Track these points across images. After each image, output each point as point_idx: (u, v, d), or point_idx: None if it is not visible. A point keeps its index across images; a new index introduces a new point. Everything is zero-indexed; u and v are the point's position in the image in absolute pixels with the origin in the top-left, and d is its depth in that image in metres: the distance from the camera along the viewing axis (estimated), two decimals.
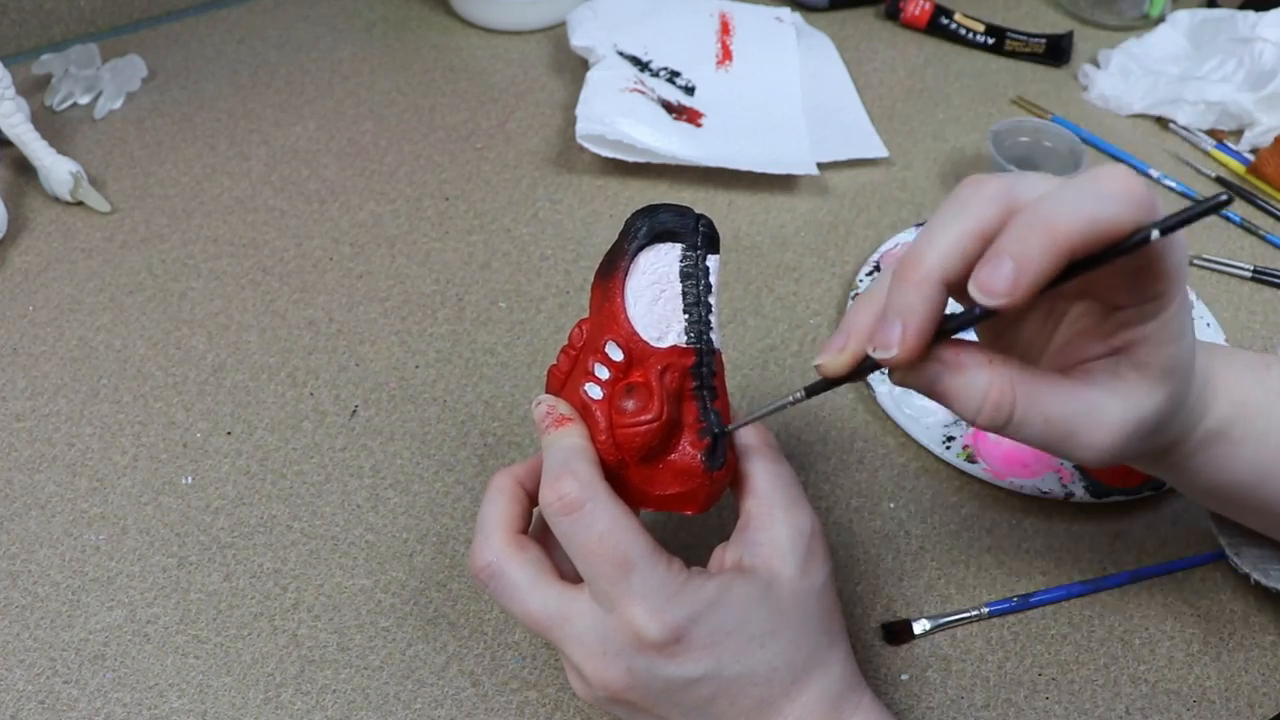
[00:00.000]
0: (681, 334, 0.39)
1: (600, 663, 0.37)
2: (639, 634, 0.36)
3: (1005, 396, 0.33)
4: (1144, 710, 0.47)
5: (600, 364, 0.39)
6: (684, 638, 0.36)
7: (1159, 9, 0.86)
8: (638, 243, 0.39)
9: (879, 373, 0.35)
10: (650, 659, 0.36)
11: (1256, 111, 0.74)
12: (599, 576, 0.37)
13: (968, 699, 0.47)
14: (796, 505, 0.39)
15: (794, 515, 0.39)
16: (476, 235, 0.67)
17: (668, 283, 0.39)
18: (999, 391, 0.33)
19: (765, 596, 0.38)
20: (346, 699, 0.46)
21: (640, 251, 0.39)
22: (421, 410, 0.57)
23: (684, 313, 0.39)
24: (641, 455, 0.39)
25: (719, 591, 0.37)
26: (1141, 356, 0.35)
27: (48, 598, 0.49)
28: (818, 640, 0.38)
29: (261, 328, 0.61)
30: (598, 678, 0.37)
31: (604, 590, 0.37)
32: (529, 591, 0.38)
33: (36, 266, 0.65)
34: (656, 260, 0.39)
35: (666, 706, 0.38)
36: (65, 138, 0.73)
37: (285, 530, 0.52)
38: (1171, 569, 0.51)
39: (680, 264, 0.39)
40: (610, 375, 0.39)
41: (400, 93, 0.79)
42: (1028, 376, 0.34)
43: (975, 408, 0.34)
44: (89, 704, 0.46)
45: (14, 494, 0.53)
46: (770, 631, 0.37)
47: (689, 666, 0.36)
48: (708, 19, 0.80)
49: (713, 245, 0.40)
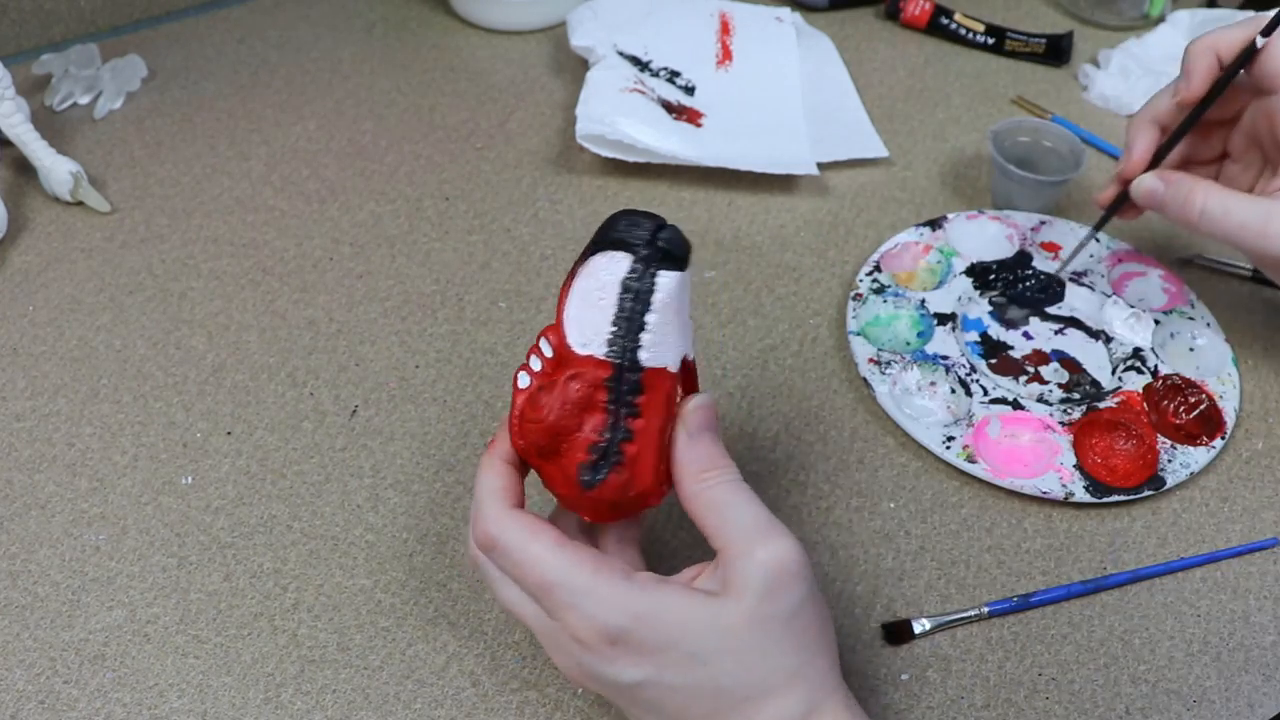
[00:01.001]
0: (604, 345, 0.39)
1: (558, 658, 0.39)
2: (575, 635, 0.37)
3: (1199, 196, 0.52)
4: (1144, 710, 0.47)
5: (535, 356, 0.40)
6: (618, 642, 0.37)
7: (1159, 9, 0.86)
8: (592, 246, 0.39)
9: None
10: (592, 659, 0.38)
11: None
12: (532, 595, 0.39)
13: (968, 699, 0.47)
14: (773, 536, 0.38)
15: (770, 548, 0.38)
16: (476, 235, 0.67)
17: (607, 291, 0.38)
18: (1196, 194, 0.52)
19: (711, 616, 0.37)
20: (346, 699, 0.46)
21: (593, 255, 0.39)
22: (421, 410, 0.57)
23: (611, 325, 0.38)
24: (536, 451, 0.40)
25: (655, 604, 0.37)
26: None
27: (48, 598, 0.49)
28: (777, 665, 0.38)
29: (261, 328, 0.61)
30: (561, 667, 0.40)
31: (543, 605, 0.38)
32: (530, 550, 0.39)
33: (36, 266, 0.65)
34: (608, 267, 0.39)
35: (624, 701, 0.39)
36: (65, 138, 0.73)
37: (285, 530, 0.52)
38: (1172, 569, 0.51)
39: (625, 275, 0.38)
40: (541, 368, 0.40)
41: (400, 93, 0.79)
42: (1223, 188, 0.52)
43: (1180, 205, 0.53)
44: (89, 704, 0.46)
45: (14, 494, 0.53)
46: (714, 650, 0.37)
47: (628, 671, 0.37)
48: (708, 19, 0.80)
49: (673, 262, 0.39)
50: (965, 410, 0.56)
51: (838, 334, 0.62)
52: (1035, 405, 0.57)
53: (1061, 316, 0.62)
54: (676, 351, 0.40)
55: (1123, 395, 0.57)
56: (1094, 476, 0.54)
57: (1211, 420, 0.56)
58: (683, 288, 0.39)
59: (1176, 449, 0.55)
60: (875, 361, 0.58)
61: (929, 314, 0.61)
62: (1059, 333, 0.61)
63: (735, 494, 0.39)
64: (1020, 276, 0.63)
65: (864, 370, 0.58)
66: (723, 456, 0.40)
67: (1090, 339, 0.61)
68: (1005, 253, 0.65)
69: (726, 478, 0.40)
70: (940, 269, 0.64)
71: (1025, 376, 0.59)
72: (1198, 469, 0.54)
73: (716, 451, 0.40)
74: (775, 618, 0.37)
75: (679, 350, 0.40)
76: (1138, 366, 0.59)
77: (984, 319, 0.62)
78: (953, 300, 0.62)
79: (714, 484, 0.39)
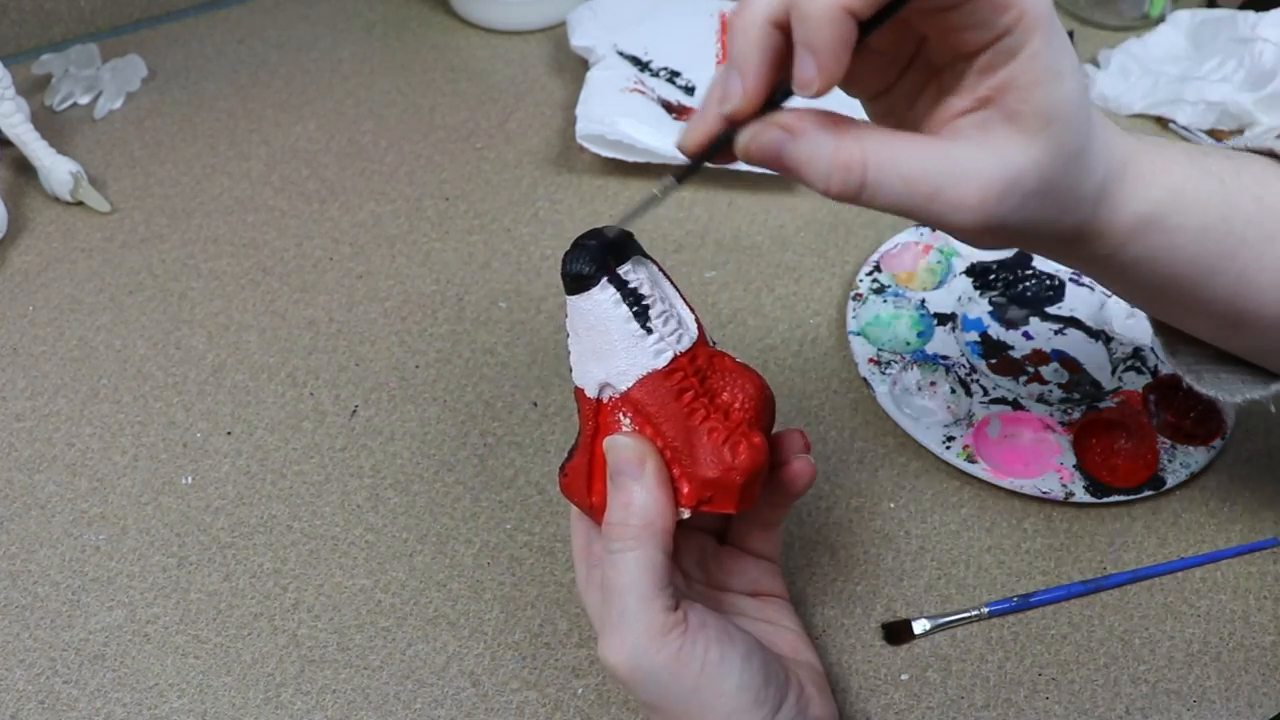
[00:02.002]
0: None
1: None
2: (601, 652, 0.37)
3: (854, 158, 0.31)
4: (1144, 710, 0.47)
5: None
6: (629, 684, 0.37)
7: (1159, 9, 0.86)
8: None
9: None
10: (611, 673, 0.38)
11: (1256, 111, 0.74)
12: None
13: (968, 699, 0.47)
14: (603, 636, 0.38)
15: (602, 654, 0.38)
16: (476, 235, 0.67)
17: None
18: (847, 154, 0.31)
19: None
20: (346, 699, 0.46)
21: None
22: (421, 410, 0.57)
23: None
24: None
25: (672, 669, 0.37)
26: (1010, 104, 0.31)
27: (48, 598, 0.49)
28: None
29: (261, 328, 0.61)
30: None
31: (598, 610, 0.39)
32: None
33: (36, 266, 0.65)
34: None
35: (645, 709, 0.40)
36: (65, 138, 0.73)
37: (285, 530, 0.52)
38: (1171, 569, 0.51)
39: None
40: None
41: (400, 93, 0.79)
42: (882, 136, 0.31)
43: (824, 173, 0.31)
44: (89, 704, 0.46)
45: (14, 494, 0.53)
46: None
47: (641, 698, 0.38)
48: (708, 19, 0.80)
49: (569, 285, 0.38)
50: (965, 410, 0.56)
51: (838, 334, 0.62)
52: (1035, 405, 0.57)
53: (1061, 316, 0.62)
54: (589, 375, 0.39)
55: (1123, 395, 0.57)
56: (1094, 476, 0.54)
57: (1211, 420, 0.56)
58: (589, 308, 0.37)
59: (1176, 449, 0.55)
60: (875, 361, 0.58)
61: (929, 314, 0.61)
62: (1059, 333, 0.61)
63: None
64: (1020, 276, 0.63)
65: (864, 370, 0.58)
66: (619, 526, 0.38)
67: (1090, 339, 0.61)
68: (1005, 253, 0.65)
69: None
70: (940, 269, 0.64)
71: (1025, 376, 0.59)
72: (1198, 469, 0.54)
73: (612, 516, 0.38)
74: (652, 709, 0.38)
75: (592, 375, 0.38)
76: (1138, 366, 0.59)
77: (984, 319, 0.62)
78: (953, 300, 0.62)
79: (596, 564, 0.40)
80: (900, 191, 0.31)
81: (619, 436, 0.38)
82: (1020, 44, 0.30)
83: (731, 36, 0.32)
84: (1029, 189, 0.32)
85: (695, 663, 0.36)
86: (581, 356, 0.39)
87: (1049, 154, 0.32)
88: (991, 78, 0.31)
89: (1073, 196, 0.34)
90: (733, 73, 0.32)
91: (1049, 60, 0.31)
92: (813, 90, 0.29)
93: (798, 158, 0.31)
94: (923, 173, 0.31)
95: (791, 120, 0.32)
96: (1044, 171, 0.32)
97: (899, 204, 0.32)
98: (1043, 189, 0.32)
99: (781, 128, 0.32)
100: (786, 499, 0.43)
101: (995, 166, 0.31)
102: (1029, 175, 0.32)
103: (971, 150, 0.32)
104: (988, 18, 0.30)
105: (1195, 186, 0.36)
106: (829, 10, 0.28)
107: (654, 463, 0.37)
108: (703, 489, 0.37)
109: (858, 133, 0.31)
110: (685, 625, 0.37)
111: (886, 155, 0.31)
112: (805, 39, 0.29)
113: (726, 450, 0.37)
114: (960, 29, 0.31)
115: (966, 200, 0.31)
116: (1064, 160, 0.32)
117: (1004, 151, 0.31)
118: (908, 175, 0.31)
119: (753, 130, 0.32)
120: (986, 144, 0.32)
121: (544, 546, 0.51)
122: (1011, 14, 0.30)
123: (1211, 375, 0.44)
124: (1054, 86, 0.31)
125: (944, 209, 0.32)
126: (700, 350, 0.39)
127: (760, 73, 0.31)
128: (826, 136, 0.31)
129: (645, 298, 0.37)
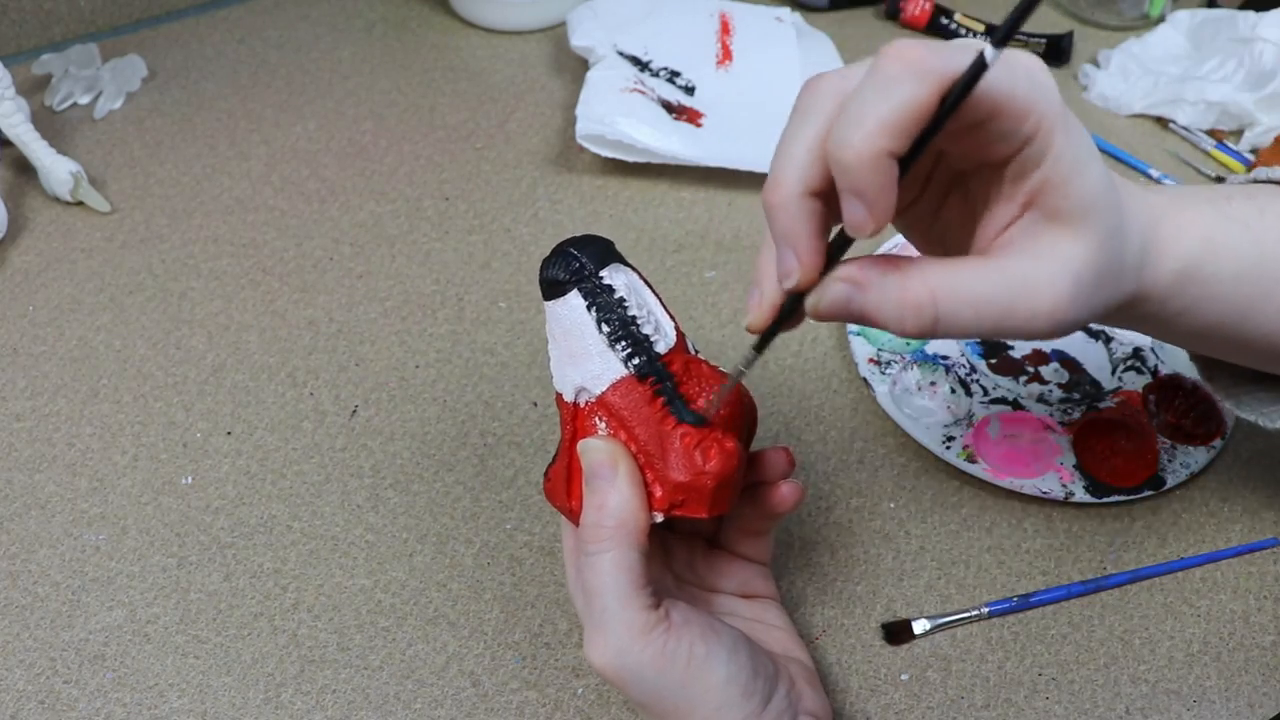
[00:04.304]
0: None
1: None
2: (586, 653, 0.38)
3: (923, 298, 0.32)
4: (1144, 710, 0.47)
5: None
6: (616, 683, 0.37)
7: (1159, 9, 0.86)
8: None
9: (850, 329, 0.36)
10: (599, 673, 0.38)
11: (1256, 111, 0.74)
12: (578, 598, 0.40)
13: (968, 699, 0.47)
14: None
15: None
16: (476, 235, 0.67)
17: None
18: (915, 294, 0.32)
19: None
20: (346, 699, 0.46)
21: None
22: (421, 410, 0.57)
23: None
24: None
25: (657, 666, 0.37)
26: (1050, 204, 0.32)
27: (48, 598, 0.49)
28: None
29: (261, 328, 0.61)
30: None
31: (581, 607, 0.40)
32: None
33: (36, 266, 0.65)
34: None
35: None
36: (65, 138, 0.73)
37: (285, 530, 0.52)
38: (1171, 569, 0.51)
39: None
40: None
41: (400, 93, 0.79)
42: (944, 269, 0.32)
43: (897, 316, 0.32)
44: (89, 704, 0.46)
45: (14, 494, 0.53)
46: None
47: (630, 697, 0.38)
48: (708, 19, 0.80)
49: (545, 291, 0.39)
50: (965, 410, 0.56)
51: (838, 334, 0.62)
52: (1035, 405, 0.57)
53: None
54: (567, 379, 0.39)
55: (1123, 395, 0.57)
56: (1094, 476, 0.54)
57: (1211, 420, 0.56)
58: (564, 313, 0.38)
59: (1176, 449, 0.55)
60: (875, 361, 0.58)
61: None
62: None
63: None
64: None
65: (864, 370, 0.58)
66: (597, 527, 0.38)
67: (1090, 339, 0.61)
68: None
69: None
70: None
71: (1025, 376, 0.59)
72: (1198, 469, 0.54)
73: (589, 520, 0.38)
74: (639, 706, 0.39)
75: (569, 379, 0.39)
76: (1138, 366, 0.59)
77: None
78: None
79: None
80: (972, 318, 0.32)
81: (592, 440, 0.38)
82: (1046, 147, 0.31)
83: (770, 215, 0.32)
84: (1091, 281, 0.33)
85: (680, 658, 0.37)
86: (559, 361, 0.39)
87: (1097, 241, 0.33)
88: (1025, 183, 0.32)
89: (1121, 271, 0.35)
90: (785, 251, 0.33)
91: (1074, 154, 0.32)
92: (868, 232, 0.30)
93: (868, 308, 0.32)
94: (990, 296, 0.32)
95: (854, 273, 0.32)
96: (1097, 259, 0.33)
97: (975, 329, 0.32)
98: (1102, 276, 0.33)
99: (846, 282, 0.32)
100: (774, 516, 0.43)
101: (1058, 273, 0.32)
102: (1087, 269, 0.33)
103: (1029, 263, 0.32)
104: (1010, 129, 0.31)
105: (1224, 234, 0.37)
106: (871, 159, 0.29)
107: (626, 465, 0.38)
108: (674, 493, 0.38)
109: (920, 271, 0.32)
110: (668, 622, 0.37)
111: (951, 287, 0.32)
112: (853, 187, 0.29)
113: (698, 454, 0.38)
114: (985, 144, 0.32)
115: (1040, 311, 0.32)
116: (1109, 241, 0.33)
117: (1059, 254, 0.32)
118: (976, 302, 0.32)
119: (819, 293, 0.33)
120: (1041, 252, 0.32)
121: (544, 546, 0.51)
122: (1031, 121, 0.31)
123: (1251, 398, 0.44)
124: (1085, 177, 0.32)
125: (1020, 324, 0.32)
126: (677, 356, 0.39)
127: (812, 244, 0.32)
128: (892, 281, 0.32)
129: (622, 303, 0.38)
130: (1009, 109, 0.30)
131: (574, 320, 0.38)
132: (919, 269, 0.32)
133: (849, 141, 0.29)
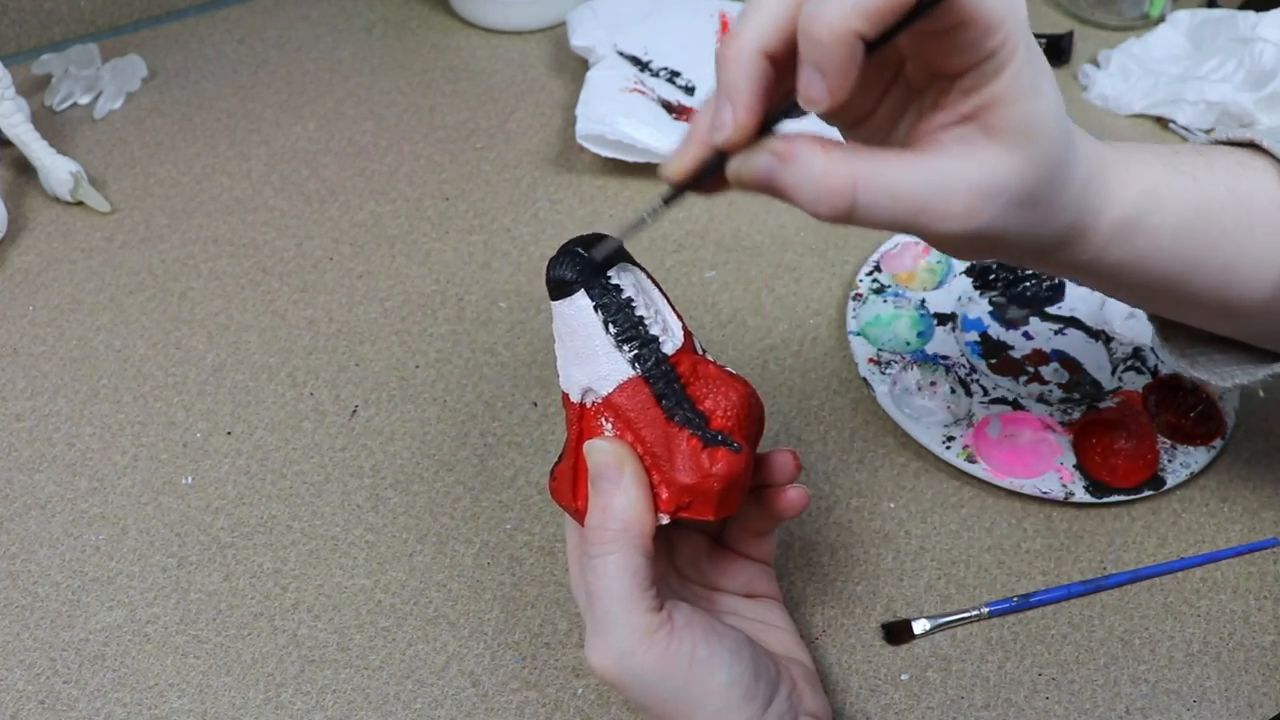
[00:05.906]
0: None
1: None
2: (588, 656, 0.37)
3: (844, 180, 0.31)
4: (1144, 710, 0.47)
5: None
6: (618, 686, 0.37)
7: (1159, 9, 0.86)
8: None
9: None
10: (600, 677, 0.38)
11: (1256, 111, 0.74)
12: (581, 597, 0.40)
13: (968, 699, 0.47)
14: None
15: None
16: (476, 235, 0.67)
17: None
18: (836, 176, 0.31)
19: None
20: (346, 699, 0.46)
21: None
22: (421, 410, 0.57)
23: None
24: None
25: (660, 669, 0.37)
26: (992, 120, 0.32)
27: (48, 598, 0.49)
28: None
29: (261, 328, 0.61)
30: None
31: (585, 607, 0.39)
32: None
33: (36, 266, 0.65)
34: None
35: None
36: (65, 138, 0.73)
37: (285, 530, 0.52)
38: (1171, 569, 0.51)
39: None
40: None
41: (400, 93, 0.79)
42: (870, 156, 0.32)
43: (814, 198, 0.32)
44: (89, 704, 0.46)
45: (14, 494, 0.53)
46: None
47: (631, 699, 0.38)
48: (708, 19, 0.80)
49: (552, 291, 0.38)
50: (965, 410, 0.56)
51: (838, 334, 0.62)
52: (1035, 405, 0.57)
53: (1061, 316, 0.62)
54: (573, 379, 0.39)
55: (1123, 395, 0.57)
56: (1094, 476, 0.54)
57: (1211, 420, 0.56)
58: (572, 313, 0.38)
59: (1176, 449, 0.55)
60: (875, 361, 0.58)
61: (929, 314, 0.61)
62: (1059, 333, 0.61)
63: None
64: (1020, 276, 0.63)
65: (864, 370, 0.58)
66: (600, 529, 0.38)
67: (1090, 339, 0.61)
68: None
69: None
70: (940, 269, 0.64)
71: (1025, 376, 0.59)
72: (1198, 469, 0.54)
73: (593, 522, 0.38)
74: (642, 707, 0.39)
75: (576, 379, 0.39)
76: (1138, 366, 0.59)
77: (984, 319, 0.62)
78: (953, 300, 0.62)
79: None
80: (889, 209, 0.32)
81: (598, 441, 0.38)
82: (1003, 64, 0.31)
83: (720, 67, 0.32)
84: (1012, 197, 0.33)
85: (683, 661, 0.37)
86: (566, 361, 0.39)
87: (1030, 163, 0.33)
88: (975, 96, 0.32)
89: (1055, 204, 0.35)
90: (723, 102, 0.32)
91: (1030, 78, 0.32)
92: (821, 108, 0.30)
93: (788, 182, 0.32)
94: (909, 188, 0.32)
95: (782, 146, 0.32)
96: (1026, 180, 0.33)
97: (889, 221, 0.32)
98: (1026, 197, 0.33)
99: (772, 154, 0.32)
100: (779, 519, 0.43)
101: (979, 176, 0.32)
102: (1012, 183, 0.33)
103: (955, 162, 0.33)
104: (975, 41, 0.31)
105: (1169, 185, 0.38)
106: (841, 34, 0.29)
107: (632, 467, 0.37)
108: (680, 495, 0.38)
109: (845, 154, 0.32)
110: (671, 625, 0.37)
111: (874, 174, 0.32)
112: (815, 60, 0.29)
113: (705, 457, 0.37)
114: (948, 52, 0.32)
115: (952, 210, 0.32)
116: (1046, 169, 0.33)
117: (986, 161, 0.32)
118: (895, 192, 0.32)
119: (744, 157, 0.32)
120: (969, 155, 0.33)
121: (544, 546, 0.51)
122: (998, 37, 0.31)
123: (1205, 359, 0.45)
124: (1035, 102, 0.32)
125: (931, 220, 0.32)
126: (685, 357, 0.39)
127: (752, 103, 0.32)
128: (816, 160, 0.32)
129: (629, 303, 0.38)
130: (980, 19, 0.30)
131: (581, 320, 0.38)
132: (844, 154, 0.32)
133: (823, 16, 0.29)
